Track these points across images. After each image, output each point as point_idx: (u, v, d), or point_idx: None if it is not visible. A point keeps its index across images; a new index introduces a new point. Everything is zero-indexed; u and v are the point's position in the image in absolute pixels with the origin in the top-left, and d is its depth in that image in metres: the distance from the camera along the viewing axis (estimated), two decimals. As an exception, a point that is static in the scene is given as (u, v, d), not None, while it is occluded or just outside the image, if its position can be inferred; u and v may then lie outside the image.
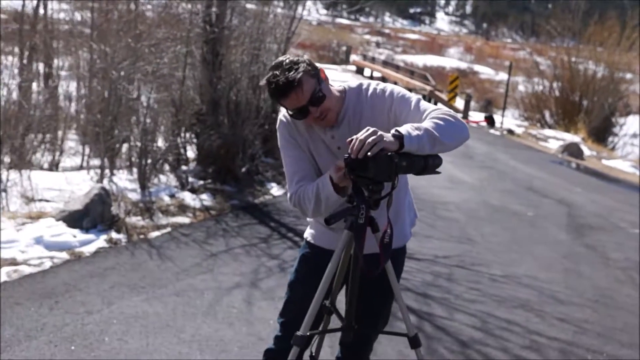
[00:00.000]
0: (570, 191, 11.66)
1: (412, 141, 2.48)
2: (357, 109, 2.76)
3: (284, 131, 2.82)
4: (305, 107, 2.63)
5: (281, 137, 2.83)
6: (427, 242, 7.45)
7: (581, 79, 26.56)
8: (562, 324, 5.41)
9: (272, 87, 2.60)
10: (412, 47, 68.88)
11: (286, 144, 2.82)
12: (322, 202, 2.70)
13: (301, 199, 2.75)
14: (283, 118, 2.82)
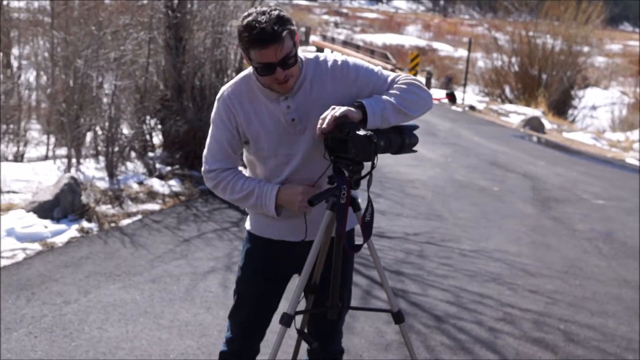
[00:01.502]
0: (533, 165, 11.86)
1: (375, 112, 2.57)
2: (315, 80, 2.67)
3: (222, 108, 2.71)
4: (274, 66, 2.49)
5: (216, 113, 2.73)
6: (396, 220, 7.53)
7: (539, 53, 26.88)
8: (533, 296, 5.55)
9: (254, 33, 2.43)
10: (371, 26, 68.93)
11: (219, 122, 2.72)
12: (250, 205, 2.75)
13: (222, 185, 2.75)
14: (226, 93, 2.71)
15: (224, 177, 2.74)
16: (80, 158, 8.88)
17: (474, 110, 20.74)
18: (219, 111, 2.71)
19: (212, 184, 2.76)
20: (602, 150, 15.81)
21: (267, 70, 2.51)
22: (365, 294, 5.25)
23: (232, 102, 2.68)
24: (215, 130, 2.73)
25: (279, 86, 2.57)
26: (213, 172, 2.74)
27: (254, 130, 2.68)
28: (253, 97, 2.67)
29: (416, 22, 75.59)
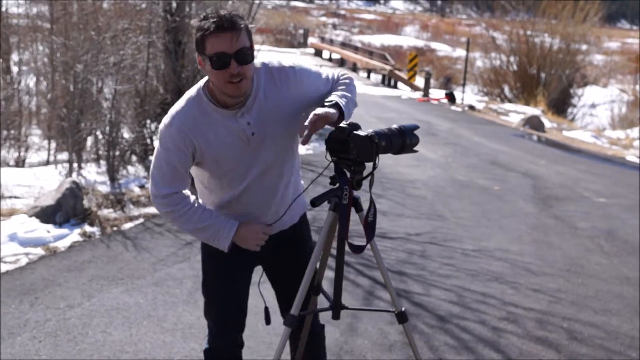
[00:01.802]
0: (534, 164, 11.86)
1: (348, 109, 2.71)
2: (268, 89, 2.66)
3: (175, 134, 2.60)
4: (229, 57, 2.45)
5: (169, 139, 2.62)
6: (398, 220, 7.54)
7: (538, 52, 26.89)
8: (536, 295, 5.55)
9: (212, 20, 2.43)
10: (369, 27, 68.91)
11: (172, 146, 2.62)
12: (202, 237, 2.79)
13: (176, 214, 2.69)
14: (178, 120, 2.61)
15: (180, 207, 2.69)
16: (82, 162, 8.90)
17: (474, 110, 20.74)
18: (172, 137, 2.62)
19: (164, 210, 2.70)
20: (602, 148, 15.82)
21: (222, 62, 2.45)
22: (367, 294, 5.26)
23: (188, 128, 2.60)
24: (166, 153, 2.64)
25: (232, 87, 2.51)
26: (166, 198, 2.67)
27: (214, 152, 2.65)
28: (209, 119, 2.61)
29: (414, 23, 75.58)
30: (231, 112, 2.61)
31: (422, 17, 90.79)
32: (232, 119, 2.61)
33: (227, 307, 3.02)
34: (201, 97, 2.62)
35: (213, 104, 2.60)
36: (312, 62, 37.05)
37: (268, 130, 2.66)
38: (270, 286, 3.13)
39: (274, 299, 3.14)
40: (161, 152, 2.65)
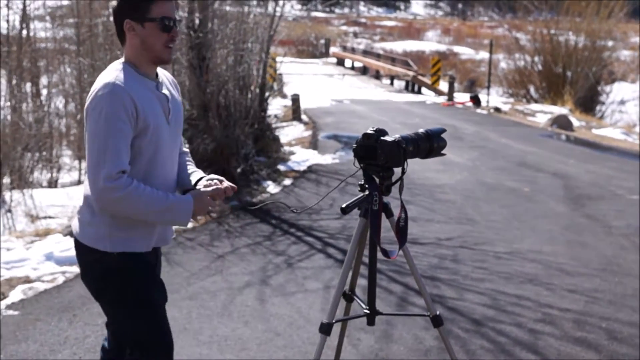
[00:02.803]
0: (564, 163, 11.76)
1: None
2: (166, 79, 2.75)
3: (118, 99, 2.43)
4: (174, 22, 2.58)
5: (112, 107, 2.42)
6: (428, 225, 7.53)
7: (563, 50, 26.65)
8: (572, 295, 5.50)
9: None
10: (390, 34, 68.90)
11: (120, 115, 2.43)
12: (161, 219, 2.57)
13: (133, 196, 2.44)
14: (119, 82, 2.47)
15: (135, 188, 2.45)
16: (112, 181, 9.00)
17: (500, 112, 20.61)
18: (115, 104, 2.43)
19: (118, 194, 2.42)
20: (633, 145, 15.62)
21: (168, 26, 2.56)
22: (401, 300, 5.26)
23: (130, 90, 2.48)
24: (116, 122, 2.42)
25: (168, 51, 2.60)
26: (120, 180, 2.41)
27: (152, 120, 2.55)
28: (140, 86, 2.56)
29: (435, 27, 75.42)
30: (154, 83, 2.63)
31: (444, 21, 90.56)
32: (155, 89, 2.62)
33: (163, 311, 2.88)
34: (127, 68, 2.57)
35: (138, 74, 2.58)
36: (334, 71, 37.16)
37: (174, 112, 2.70)
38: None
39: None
40: (109, 122, 2.41)
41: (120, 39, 2.62)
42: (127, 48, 2.59)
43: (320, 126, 15.68)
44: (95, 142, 2.42)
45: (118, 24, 2.58)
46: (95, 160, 2.42)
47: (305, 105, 18.29)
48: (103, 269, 2.61)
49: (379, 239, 2.71)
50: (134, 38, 2.56)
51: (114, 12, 2.59)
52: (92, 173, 2.43)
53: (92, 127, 2.44)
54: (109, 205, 2.45)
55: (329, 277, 5.72)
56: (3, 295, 5.21)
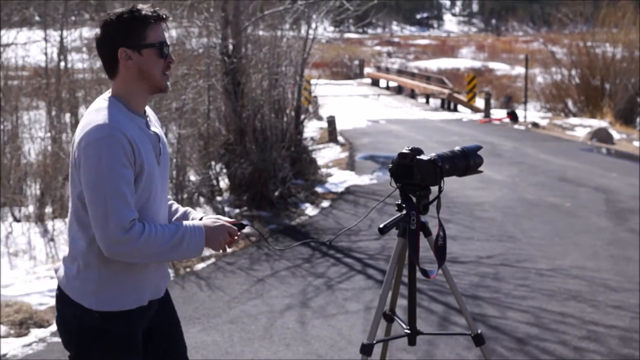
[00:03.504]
0: (605, 177, 11.59)
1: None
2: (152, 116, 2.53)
3: (117, 144, 2.24)
4: (168, 47, 2.40)
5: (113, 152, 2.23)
6: (468, 244, 7.46)
7: (600, 62, 26.32)
8: (617, 312, 5.40)
9: (149, 10, 2.36)
10: (424, 52, 68.87)
11: (122, 161, 2.24)
12: (175, 253, 2.34)
13: (150, 239, 2.25)
14: (115, 125, 2.26)
15: (149, 231, 2.26)
16: (151, 207, 9.10)
17: (537, 127, 20.42)
18: (114, 148, 2.23)
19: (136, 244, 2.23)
20: (675, 156, 15.34)
21: (165, 51, 2.37)
22: (442, 320, 5.21)
23: (126, 130, 2.28)
24: (120, 168, 2.24)
25: (165, 79, 2.40)
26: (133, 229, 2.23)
27: (147, 164, 2.35)
28: (133, 125, 2.34)
29: (469, 44, 75.19)
30: (143, 120, 2.40)
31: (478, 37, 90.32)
32: (145, 127, 2.39)
33: None
34: (116, 104, 2.34)
35: (128, 111, 2.36)
36: (369, 91, 37.24)
37: (164, 153, 2.48)
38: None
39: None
40: (112, 169, 2.22)
41: (111, 72, 2.36)
42: (118, 81, 2.36)
43: (356, 147, 15.69)
44: (100, 192, 2.22)
45: (108, 54, 2.35)
46: (102, 212, 2.21)
47: (341, 126, 18.33)
48: (80, 326, 2.38)
49: (417, 258, 2.69)
50: (131, 68, 2.33)
51: (103, 41, 2.34)
52: (101, 226, 2.22)
53: (92, 177, 2.23)
54: (124, 256, 2.27)
55: (369, 298, 5.69)
56: (48, 322, 5.28)
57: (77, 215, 2.35)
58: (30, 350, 4.82)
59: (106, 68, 2.38)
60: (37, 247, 7.63)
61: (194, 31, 10.94)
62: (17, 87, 12.32)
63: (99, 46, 2.37)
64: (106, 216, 2.20)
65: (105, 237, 2.22)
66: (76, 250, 2.37)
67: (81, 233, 2.34)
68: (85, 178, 2.25)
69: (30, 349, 4.84)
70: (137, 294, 2.40)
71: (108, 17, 2.34)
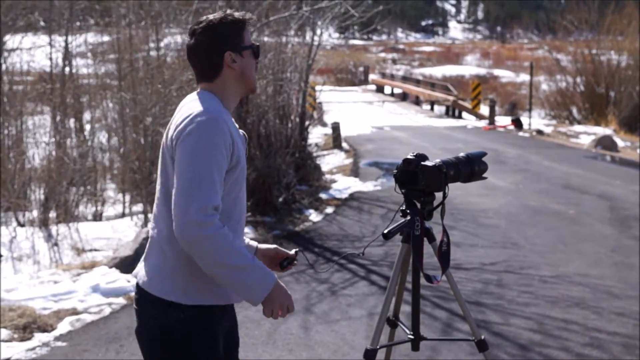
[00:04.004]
0: (609, 185, 11.58)
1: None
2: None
3: (219, 129, 2.23)
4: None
5: (214, 137, 2.21)
6: (472, 250, 7.46)
7: (605, 70, 26.30)
8: (621, 319, 5.39)
9: (241, 14, 2.40)
10: (429, 59, 68.94)
11: (220, 146, 2.22)
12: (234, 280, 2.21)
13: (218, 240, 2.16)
14: (218, 110, 2.28)
15: (224, 232, 2.17)
16: (156, 212, 9.12)
17: (542, 135, 20.41)
18: (216, 133, 2.22)
19: (209, 232, 2.15)
20: (680, 164, 15.31)
21: (257, 52, 2.45)
22: (445, 326, 5.21)
23: (229, 125, 2.29)
24: (217, 154, 2.21)
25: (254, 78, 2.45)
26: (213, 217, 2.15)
27: (242, 157, 2.35)
28: (230, 119, 2.38)
29: (474, 51, 75.25)
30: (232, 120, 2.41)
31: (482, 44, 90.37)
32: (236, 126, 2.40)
33: None
34: (215, 99, 2.36)
35: (224, 107, 2.37)
36: (374, 98, 37.26)
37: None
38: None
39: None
40: (209, 151, 2.20)
41: (210, 75, 2.36)
42: (217, 83, 2.36)
43: (361, 153, 15.70)
44: (190, 170, 2.17)
45: (211, 58, 2.35)
46: (187, 190, 2.15)
47: (346, 133, 18.35)
48: (165, 326, 2.29)
49: (421, 264, 2.70)
50: (235, 70, 2.36)
51: (205, 46, 2.35)
52: (183, 203, 2.15)
53: (186, 156, 2.19)
54: (194, 240, 2.15)
55: (372, 304, 5.69)
56: (51, 327, 5.30)
57: (168, 205, 2.26)
58: (34, 354, 4.83)
59: (204, 71, 2.37)
60: (41, 252, 7.65)
61: (198, 37, 10.97)
62: (22, 92, 12.38)
63: (199, 50, 2.36)
64: (190, 195, 2.14)
65: (183, 215, 2.14)
66: (163, 241, 2.30)
67: (170, 221, 2.24)
68: (179, 157, 2.21)
69: (34, 353, 4.85)
70: (222, 290, 2.31)
71: (207, 23, 2.36)
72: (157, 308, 2.29)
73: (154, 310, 2.30)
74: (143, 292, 2.33)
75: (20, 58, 12.81)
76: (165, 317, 2.28)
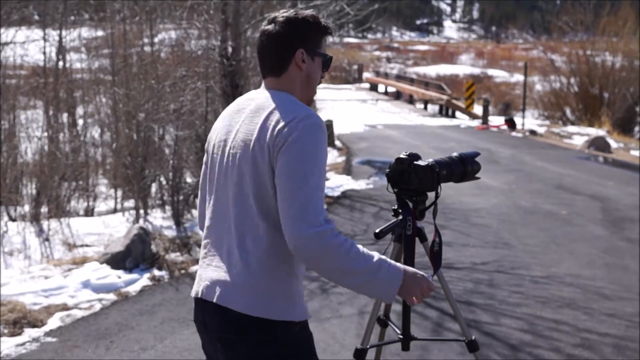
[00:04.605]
0: (602, 186, 11.60)
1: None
2: None
3: (325, 134, 2.11)
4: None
5: (322, 146, 2.08)
6: (463, 250, 7.46)
7: (599, 71, 26.37)
8: (612, 320, 5.40)
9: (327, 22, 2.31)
10: (423, 58, 69.06)
11: (325, 151, 2.10)
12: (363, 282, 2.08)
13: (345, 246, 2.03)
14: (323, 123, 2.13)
15: (345, 239, 2.04)
16: (148, 208, 9.11)
17: (535, 135, 20.46)
18: (324, 139, 2.09)
19: (330, 242, 2.00)
20: (672, 166, 15.36)
21: (328, 65, 2.33)
22: (436, 326, 5.21)
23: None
24: (322, 165, 2.08)
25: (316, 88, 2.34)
26: (332, 226, 2.03)
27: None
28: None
29: (469, 51, 75.41)
30: None
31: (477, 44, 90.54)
32: None
33: None
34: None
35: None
36: (368, 96, 37.26)
37: None
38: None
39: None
40: (322, 159, 2.07)
41: (278, 68, 2.23)
42: (284, 79, 2.23)
43: (353, 151, 15.70)
44: (306, 182, 2.01)
45: (283, 50, 2.22)
46: (301, 202, 2.00)
47: (339, 130, 18.34)
48: (278, 349, 2.11)
49: (413, 263, 2.69)
50: (302, 70, 2.24)
51: (282, 37, 2.21)
52: (296, 217, 1.99)
53: (301, 165, 2.02)
54: (308, 256, 2.02)
55: (363, 303, 5.69)
56: (42, 322, 5.27)
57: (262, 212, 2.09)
58: (24, 349, 4.81)
59: (272, 63, 2.24)
60: (32, 247, 7.62)
61: (193, 33, 10.96)
62: (15, 85, 12.33)
63: (274, 40, 2.22)
64: (306, 207, 1.99)
65: (298, 229, 1.99)
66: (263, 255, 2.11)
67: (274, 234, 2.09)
68: (292, 165, 2.02)
69: (24, 348, 4.83)
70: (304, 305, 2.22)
71: (291, 15, 2.24)
72: (267, 329, 2.09)
73: (262, 334, 2.09)
74: (241, 318, 2.09)
75: (14, 52, 12.76)
76: (279, 339, 2.10)
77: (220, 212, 2.22)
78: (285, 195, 2.02)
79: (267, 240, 2.09)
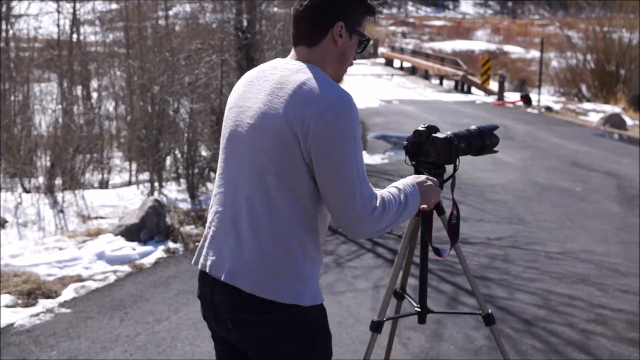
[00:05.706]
0: (617, 163, 11.52)
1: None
2: None
3: (358, 115, 2.04)
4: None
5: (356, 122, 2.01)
6: (478, 225, 7.44)
7: (616, 48, 26.06)
8: (626, 296, 5.37)
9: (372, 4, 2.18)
10: (439, 33, 68.49)
11: (358, 133, 2.03)
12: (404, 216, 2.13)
13: (387, 210, 2.04)
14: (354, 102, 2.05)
15: (382, 199, 2.04)
16: (162, 181, 9.12)
17: (551, 111, 20.29)
18: (356, 120, 2.02)
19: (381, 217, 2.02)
20: (689, 144, 15.22)
21: (364, 48, 2.21)
22: (451, 300, 5.20)
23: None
24: (360, 148, 2.03)
25: (347, 68, 2.22)
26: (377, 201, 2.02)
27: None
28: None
29: (485, 26, 74.66)
30: None
31: (493, 20, 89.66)
32: None
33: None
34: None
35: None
36: (383, 71, 37.06)
37: None
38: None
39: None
40: (357, 139, 2.01)
41: (312, 38, 2.09)
42: (317, 51, 2.10)
43: (369, 126, 15.64)
44: (352, 168, 1.95)
45: (322, 20, 2.08)
46: (351, 189, 1.94)
47: (353, 105, 18.26)
48: (294, 335, 2.04)
49: (430, 237, 2.67)
50: (337, 45, 2.10)
51: (324, 6, 2.07)
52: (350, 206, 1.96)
53: (342, 151, 1.95)
54: (367, 235, 2.04)
55: (378, 277, 5.69)
56: (56, 293, 5.31)
57: (282, 189, 2.00)
58: (38, 320, 4.84)
59: (306, 32, 2.09)
60: (47, 218, 7.66)
61: (207, 6, 10.90)
62: (29, 58, 12.34)
63: (315, 8, 2.07)
64: (354, 193, 1.94)
65: (354, 218, 1.96)
66: (273, 234, 2.00)
67: (293, 212, 2.01)
68: (332, 152, 1.94)
69: (38, 319, 4.87)
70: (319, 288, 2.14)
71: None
72: (281, 313, 2.01)
73: (284, 313, 2.01)
74: (257, 301, 2.00)
75: (28, 24, 12.76)
76: (293, 322, 2.02)
77: (232, 183, 2.10)
78: (335, 183, 1.95)
79: (282, 217, 1.99)
